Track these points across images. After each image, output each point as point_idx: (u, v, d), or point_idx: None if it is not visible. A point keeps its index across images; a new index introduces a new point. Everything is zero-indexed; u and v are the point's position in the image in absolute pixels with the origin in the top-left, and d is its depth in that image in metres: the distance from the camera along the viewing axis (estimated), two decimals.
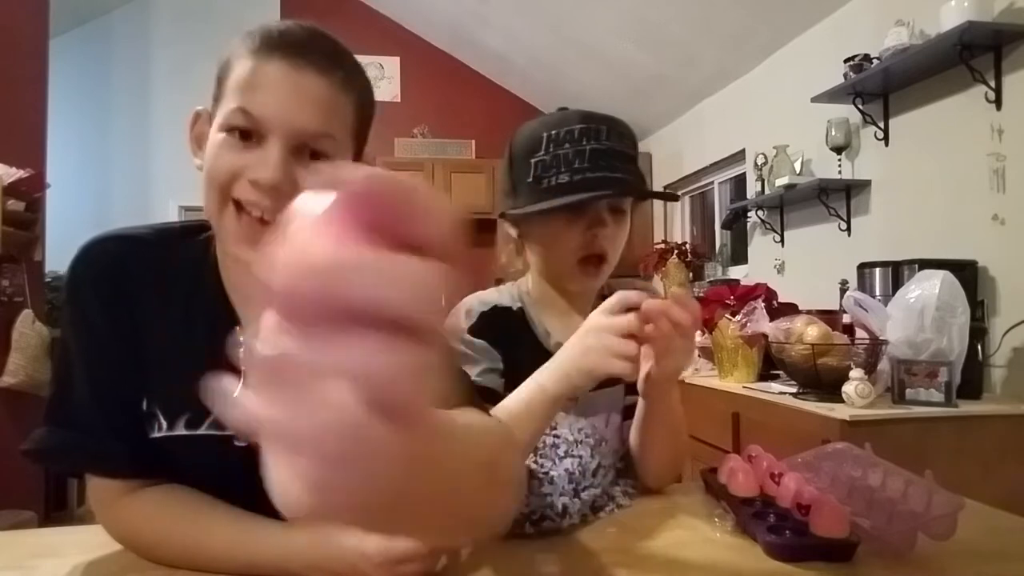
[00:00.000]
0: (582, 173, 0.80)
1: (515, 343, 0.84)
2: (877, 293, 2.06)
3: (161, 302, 0.67)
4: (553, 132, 0.82)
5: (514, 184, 0.87)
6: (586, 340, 0.68)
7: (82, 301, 0.66)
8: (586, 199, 0.80)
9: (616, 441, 0.87)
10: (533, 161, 0.83)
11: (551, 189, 0.81)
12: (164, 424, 0.66)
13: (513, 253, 0.94)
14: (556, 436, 0.79)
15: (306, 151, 0.63)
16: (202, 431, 0.65)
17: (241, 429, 0.22)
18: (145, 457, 0.65)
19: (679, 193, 4.32)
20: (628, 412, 0.91)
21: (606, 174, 0.80)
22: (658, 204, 4.44)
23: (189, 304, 0.67)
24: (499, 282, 0.97)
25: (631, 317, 0.67)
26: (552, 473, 0.75)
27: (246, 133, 0.62)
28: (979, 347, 1.82)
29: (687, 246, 3.90)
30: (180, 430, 0.65)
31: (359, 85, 0.68)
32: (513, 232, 0.91)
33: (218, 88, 0.65)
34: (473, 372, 0.80)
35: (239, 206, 0.62)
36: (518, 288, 0.92)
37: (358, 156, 0.70)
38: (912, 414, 1.65)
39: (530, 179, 0.83)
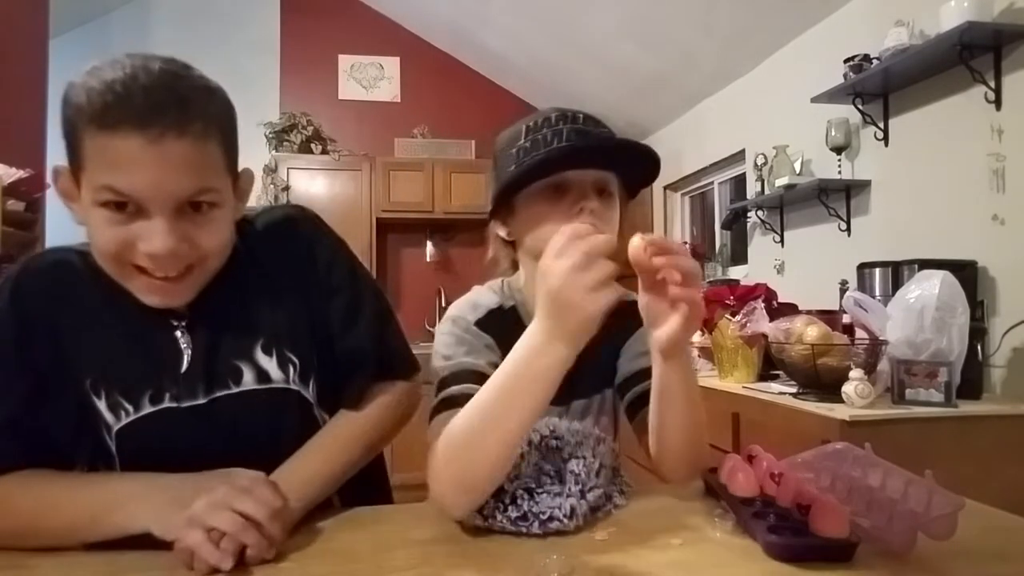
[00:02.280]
0: (559, 150, 0.82)
1: (512, 342, 0.82)
2: (877, 293, 2.06)
3: (97, 311, 0.73)
4: (531, 123, 0.86)
5: (499, 179, 0.88)
6: (575, 284, 0.58)
7: (6, 327, 0.71)
8: (556, 153, 0.81)
9: (611, 441, 0.87)
10: (513, 151, 0.85)
11: (530, 168, 0.82)
12: (130, 408, 0.73)
13: (501, 253, 0.95)
14: (558, 439, 0.79)
15: (188, 207, 0.65)
16: (165, 404, 0.73)
17: None
18: (14, 451, 0.70)
19: (680, 193, 4.33)
20: (635, 406, 0.90)
21: (586, 145, 0.83)
22: (658, 204, 4.43)
23: (119, 308, 0.72)
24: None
25: (604, 238, 0.60)
26: (563, 473, 0.74)
27: (122, 205, 0.62)
28: (979, 347, 1.82)
29: (687, 246, 3.90)
30: (146, 408, 0.73)
31: (219, 116, 0.68)
32: (503, 232, 0.92)
33: (70, 150, 0.64)
34: (475, 358, 0.80)
35: (141, 269, 0.66)
36: (508, 286, 0.93)
37: (234, 170, 0.72)
38: (912, 414, 1.65)
39: (512, 167, 0.85)
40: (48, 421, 0.72)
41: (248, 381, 0.77)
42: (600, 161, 0.84)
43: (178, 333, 0.75)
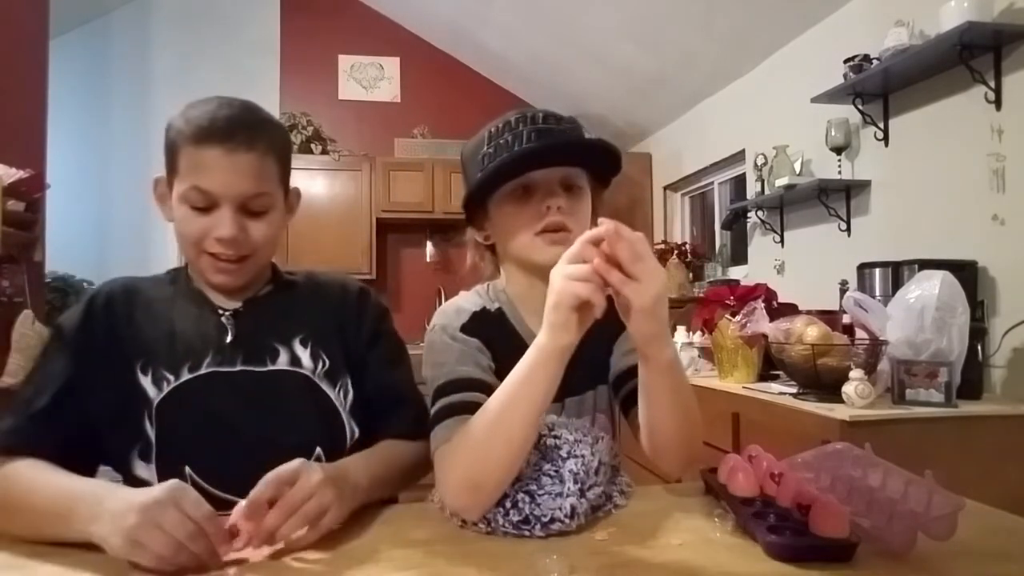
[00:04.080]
0: (515, 155, 0.83)
1: (499, 344, 0.85)
2: (877, 293, 2.06)
3: (155, 312, 0.89)
4: (493, 128, 0.88)
5: (467, 187, 0.91)
6: (552, 284, 0.67)
7: (74, 327, 0.85)
8: (510, 159, 0.82)
9: (609, 439, 0.87)
10: (478, 158, 0.87)
11: (490, 174, 0.84)
12: (172, 378, 0.84)
13: (481, 259, 0.98)
14: (556, 437, 0.79)
15: (248, 206, 0.84)
16: (203, 371, 0.85)
17: None
18: (48, 437, 0.78)
19: (680, 193, 4.33)
20: (628, 402, 0.90)
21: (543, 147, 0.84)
22: (658, 204, 4.44)
23: (174, 303, 0.90)
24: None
25: (578, 244, 0.66)
26: (562, 472, 0.75)
27: (201, 202, 0.82)
28: (979, 347, 1.82)
29: (687, 246, 3.90)
30: (185, 375, 0.84)
31: (278, 143, 0.88)
32: (480, 237, 0.95)
33: (169, 163, 0.85)
34: (467, 365, 0.81)
35: (212, 255, 0.85)
36: (492, 289, 0.94)
37: (286, 186, 0.92)
38: (912, 414, 1.65)
39: (478, 174, 0.87)
40: (89, 409, 0.82)
41: (282, 362, 0.89)
42: (561, 159, 0.86)
43: (224, 319, 0.90)
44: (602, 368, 0.94)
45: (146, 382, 0.84)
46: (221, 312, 0.90)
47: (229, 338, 0.88)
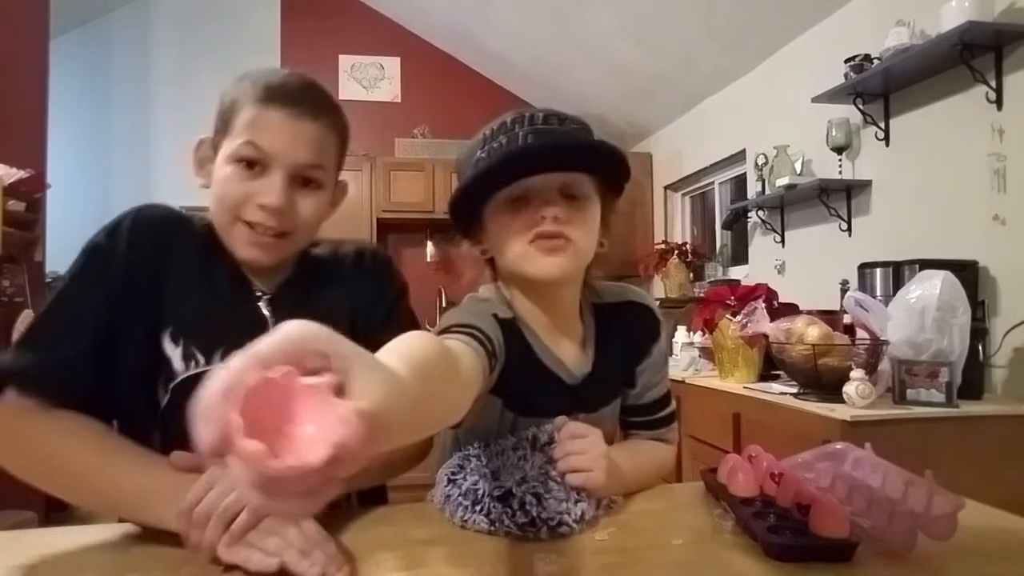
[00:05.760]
0: (498, 159, 0.76)
1: (512, 351, 0.79)
2: (878, 293, 2.06)
3: (194, 270, 0.81)
4: (488, 131, 0.80)
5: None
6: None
7: (108, 250, 0.77)
8: (498, 162, 0.75)
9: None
10: (473, 161, 0.80)
11: (472, 180, 0.77)
12: (202, 360, 0.77)
13: (481, 274, 0.89)
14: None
15: (300, 179, 0.80)
16: None
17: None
18: (78, 387, 0.73)
19: (680, 193, 4.33)
20: (624, 427, 0.94)
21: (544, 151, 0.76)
22: (659, 204, 4.44)
23: (213, 273, 0.82)
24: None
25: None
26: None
27: (252, 163, 0.77)
28: (980, 347, 1.82)
29: (687, 246, 3.90)
30: (217, 361, 0.77)
31: (341, 126, 0.86)
32: (477, 251, 0.87)
33: (223, 124, 0.80)
34: (478, 320, 0.74)
35: (248, 225, 0.78)
36: (501, 295, 0.86)
37: (338, 173, 0.88)
38: (913, 414, 1.65)
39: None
40: (115, 361, 0.76)
41: None
42: (558, 161, 0.76)
43: (262, 304, 0.84)
44: (617, 386, 0.92)
45: (174, 353, 0.77)
46: (260, 295, 0.84)
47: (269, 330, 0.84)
